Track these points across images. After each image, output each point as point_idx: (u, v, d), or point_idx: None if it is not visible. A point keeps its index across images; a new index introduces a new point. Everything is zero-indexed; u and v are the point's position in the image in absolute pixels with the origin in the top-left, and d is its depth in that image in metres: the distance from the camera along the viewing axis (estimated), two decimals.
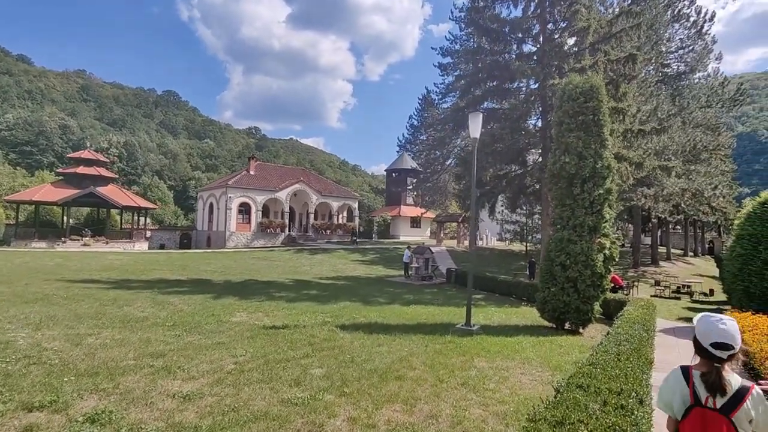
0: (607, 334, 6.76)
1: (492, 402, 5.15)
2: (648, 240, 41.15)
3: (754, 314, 8.69)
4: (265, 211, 39.88)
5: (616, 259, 9.88)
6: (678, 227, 48.32)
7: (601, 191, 9.60)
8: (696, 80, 30.50)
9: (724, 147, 33.13)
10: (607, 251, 9.70)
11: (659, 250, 36.85)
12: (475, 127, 9.80)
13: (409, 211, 47.60)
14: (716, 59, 30.74)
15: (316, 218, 42.68)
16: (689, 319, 12.18)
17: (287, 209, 40.31)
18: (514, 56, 18.48)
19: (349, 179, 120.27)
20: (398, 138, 43.75)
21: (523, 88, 19.23)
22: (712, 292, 19.72)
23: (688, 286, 20.43)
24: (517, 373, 6.37)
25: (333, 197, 43.71)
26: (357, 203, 46.34)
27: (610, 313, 11.08)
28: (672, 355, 8.33)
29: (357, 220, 45.85)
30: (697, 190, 24.83)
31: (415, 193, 46.65)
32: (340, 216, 45.21)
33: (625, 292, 19.85)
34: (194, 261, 24.26)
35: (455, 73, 22.91)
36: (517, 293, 16.18)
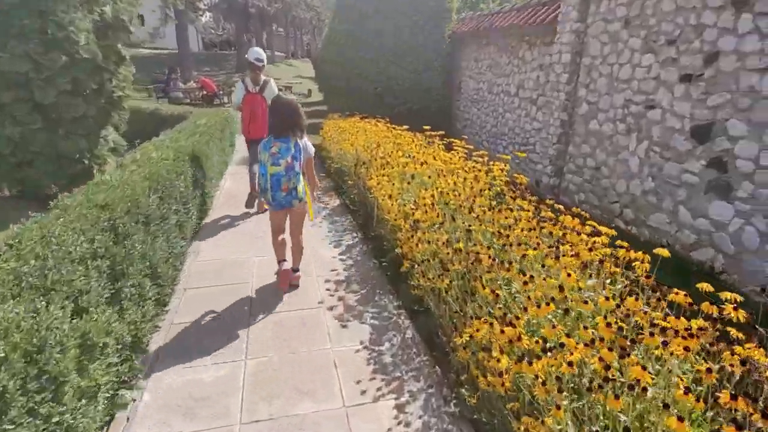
0: None
1: None
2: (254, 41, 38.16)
3: (361, 119, 5.77)
4: None
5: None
6: (281, 29, 47.30)
7: None
8: None
9: None
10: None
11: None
12: None
13: None
14: None
15: None
16: None
17: None
18: None
19: None
20: None
21: None
22: (310, 92, 18.50)
23: (290, 87, 18.67)
24: None
25: None
26: None
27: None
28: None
29: None
30: None
31: None
32: None
33: (224, 100, 16.28)
34: None
35: None
36: None
